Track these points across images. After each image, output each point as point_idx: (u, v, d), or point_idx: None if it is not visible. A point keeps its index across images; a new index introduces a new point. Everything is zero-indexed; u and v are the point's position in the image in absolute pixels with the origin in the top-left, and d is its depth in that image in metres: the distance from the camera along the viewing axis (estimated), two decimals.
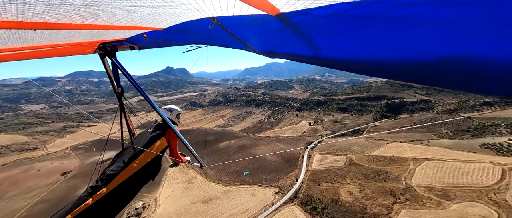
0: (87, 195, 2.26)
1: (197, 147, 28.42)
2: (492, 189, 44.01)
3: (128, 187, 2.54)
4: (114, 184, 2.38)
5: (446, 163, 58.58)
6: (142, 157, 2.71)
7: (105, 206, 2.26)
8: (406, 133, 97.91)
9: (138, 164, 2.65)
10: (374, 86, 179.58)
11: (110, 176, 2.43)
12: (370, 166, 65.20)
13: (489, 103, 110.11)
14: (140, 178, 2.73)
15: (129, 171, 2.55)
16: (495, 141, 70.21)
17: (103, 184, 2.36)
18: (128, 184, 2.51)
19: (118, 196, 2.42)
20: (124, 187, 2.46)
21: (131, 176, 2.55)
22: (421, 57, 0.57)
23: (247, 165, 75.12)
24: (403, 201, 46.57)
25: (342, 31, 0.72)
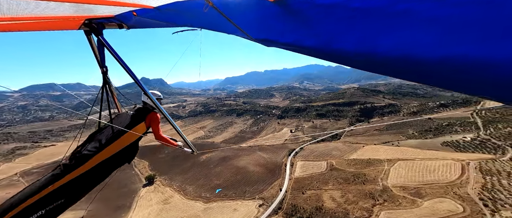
0: (59, 174, 2.18)
1: (176, 161, 25.16)
2: (456, 184, 48.05)
3: (102, 169, 2.48)
4: (88, 166, 2.32)
5: (415, 162, 63.09)
6: (120, 140, 2.63)
7: (75, 187, 2.22)
8: (379, 135, 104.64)
9: (116, 147, 2.58)
10: (348, 93, 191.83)
11: (85, 156, 2.34)
12: (350, 169, 67.18)
13: (444, 105, 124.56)
14: (115, 161, 2.64)
15: (106, 153, 2.48)
16: (453, 139, 78.53)
17: (76, 164, 2.28)
18: (103, 166, 2.46)
19: (90, 177, 2.36)
20: (98, 169, 2.41)
21: (107, 159, 2.49)
22: (419, 55, 0.56)
23: (230, 177, 71.86)
24: (382, 203, 48.14)
25: (342, 21, 0.70)
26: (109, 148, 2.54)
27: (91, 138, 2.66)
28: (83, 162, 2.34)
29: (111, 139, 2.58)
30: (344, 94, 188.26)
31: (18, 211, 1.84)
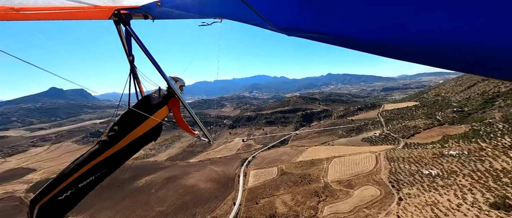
0: (99, 150, 2.54)
1: (104, 193, 18.16)
2: (373, 172, 59.75)
3: (133, 147, 2.80)
4: (122, 144, 2.65)
5: (346, 157, 75.00)
6: (147, 122, 2.90)
7: (113, 160, 2.60)
8: (317, 137, 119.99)
9: (143, 127, 2.87)
10: (292, 100, 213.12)
11: (117, 136, 2.66)
12: (297, 172, 72.49)
13: (360, 109, 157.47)
14: (144, 139, 2.93)
15: (135, 134, 2.79)
16: (368, 135, 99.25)
17: (111, 142, 2.61)
18: (133, 144, 2.78)
19: (124, 153, 2.71)
20: (129, 147, 2.74)
21: (136, 138, 2.81)
22: (447, 42, 0.54)
23: (176, 201, 63.05)
24: (324, 199, 53.69)
25: (369, 6, 0.64)
26: (137, 128, 2.81)
27: (122, 119, 2.89)
28: (117, 141, 2.64)
29: (138, 120, 2.85)
30: (288, 102, 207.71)
31: (77, 176, 2.28)
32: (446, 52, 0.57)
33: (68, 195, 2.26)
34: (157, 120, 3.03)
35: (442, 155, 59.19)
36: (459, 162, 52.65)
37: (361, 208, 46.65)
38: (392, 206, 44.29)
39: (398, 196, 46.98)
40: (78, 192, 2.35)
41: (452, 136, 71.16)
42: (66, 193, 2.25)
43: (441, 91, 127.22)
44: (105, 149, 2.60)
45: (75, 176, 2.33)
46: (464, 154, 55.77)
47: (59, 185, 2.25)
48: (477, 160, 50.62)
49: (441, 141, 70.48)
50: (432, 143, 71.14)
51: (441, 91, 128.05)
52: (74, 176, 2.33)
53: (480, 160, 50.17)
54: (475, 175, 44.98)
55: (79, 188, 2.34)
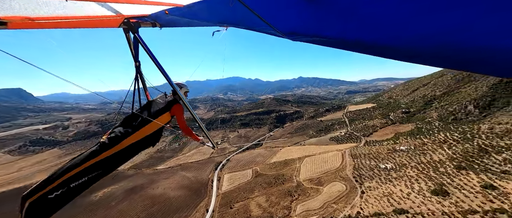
0: (97, 150, 2.55)
1: None
2: (340, 169, 64.58)
3: (130, 150, 2.83)
4: (120, 146, 2.68)
5: (316, 156, 79.42)
6: (147, 127, 2.95)
7: (109, 162, 2.62)
8: (291, 138, 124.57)
9: (143, 132, 2.90)
10: (266, 102, 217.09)
11: (117, 138, 2.70)
12: (271, 173, 73.59)
13: (328, 110, 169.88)
14: (141, 144, 2.96)
15: (134, 138, 2.81)
16: (335, 134, 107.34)
17: (110, 144, 2.64)
18: (131, 148, 2.81)
19: (121, 156, 2.74)
20: (127, 149, 2.77)
21: (135, 142, 2.83)
22: (451, 44, 0.54)
23: (140, 213, 57.03)
24: (297, 198, 55.58)
25: (374, 9, 0.65)
26: (137, 132, 2.85)
27: (125, 122, 2.97)
28: (116, 143, 2.67)
29: (139, 124, 2.90)
30: (263, 104, 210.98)
31: (70, 175, 2.31)
32: (445, 52, 0.58)
33: (58, 194, 2.21)
34: (158, 125, 3.08)
35: (395, 150, 67.58)
36: (408, 156, 60.83)
37: (330, 204, 49.69)
38: (356, 199, 48.34)
39: (361, 189, 51.61)
40: (69, 192, 2.31)
41: (402, 133, 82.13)
42: (56, 192, 2.20)
43: (393, 95, 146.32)
44: (104, 150, 2.60)
45: (68, 176, 2.32)
46: (412, 148, 64.79)
47: (51, 183, 2.22)
48: (421, 154, 59.28)
49: (393, 138, 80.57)
50: (387, 140, 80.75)
51: (393, 94, 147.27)
52: (67, 175, 2.32)
53: (423, 154, 58.89)
54: (420, 167, 52.51)
55: (70, 188, 2.31)
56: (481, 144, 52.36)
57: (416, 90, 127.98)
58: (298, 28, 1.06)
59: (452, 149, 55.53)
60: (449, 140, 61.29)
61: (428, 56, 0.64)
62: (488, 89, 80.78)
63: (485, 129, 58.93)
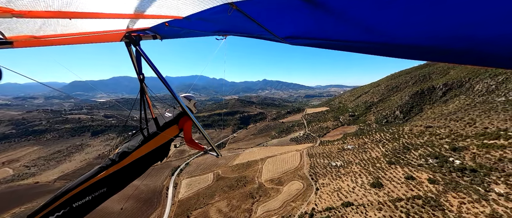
0: (104, 167, 2.49)
1: None
2: (298, 168, 68.62)
3: (139, 165, 2.76)
4: (127, 161, 2.62)
5: (277, 157, 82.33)
6: (154, 140, 2.88)
7: (116, 179, 2.53)
8: (254, 139, 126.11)
9: (150, 146, 2.83)
10: (230, 103, 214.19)
11: (124, 153, 2.64)
12: (233, 175, 72.11)
13: (289, 112, 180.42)
14: (149, 159, 2.89)
15: (141, 152, 2.75)
16: (295, 135, 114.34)
17: (118, 159, 2.59)
18: (139, 162, 2.74)
19: (129, 172, 2.66)
20: (135, 165, 2.69)
21: (143, 156, 2.76)
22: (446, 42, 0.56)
23: None
24: (258, 199, 55.88)
25: (371, 11, 0.67)
26: (144, 147, 2.76)
27: (133, 136, 2.96)
28: (123, 158, 2.60)
29: (146, 139, 2.83)
30: (227, 104, 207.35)
31: (72, 194, 2.18)
32: (434, 47, 0.60)
33: (60, 215, 2.08)
34: (165, 139, 3.00)
35: (343, 149, 76.47)
36: (353, 154, 69.67)
37: (289, 202, 51.86)
38: (311, 196, 51.97)
39: (315, 186, 55.88)
40: (72, 213, 2.17)
41: (349, 134, 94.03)
42: (58, 212, 2.08)
43: (342, 100, 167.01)
44: (110, 166, 2.50)
45: (72, 194, 2.18)
46: (356, 147, 74.62)
47: (54, 203, 2.10)
48: (363, 151, 68.84)
49: (342, 138, 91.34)
50: (337, 140, 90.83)
51: (342, 99, 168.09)
52: (71, 193, 2.18)
53: (364, 151, 68.53)
54: (362, 163, 60.76)
55: (73, 208, 2.18)
56: (404, 142, 64.60)
57: (359, 96, 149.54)
58: (296, 32, 1.09)
59: (385, 147, 66.56)
60: (383, 140, 73.41)
61: (411, 50, 0.68)
62: (409, 98, 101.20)
63: (407, 130, 73.21)
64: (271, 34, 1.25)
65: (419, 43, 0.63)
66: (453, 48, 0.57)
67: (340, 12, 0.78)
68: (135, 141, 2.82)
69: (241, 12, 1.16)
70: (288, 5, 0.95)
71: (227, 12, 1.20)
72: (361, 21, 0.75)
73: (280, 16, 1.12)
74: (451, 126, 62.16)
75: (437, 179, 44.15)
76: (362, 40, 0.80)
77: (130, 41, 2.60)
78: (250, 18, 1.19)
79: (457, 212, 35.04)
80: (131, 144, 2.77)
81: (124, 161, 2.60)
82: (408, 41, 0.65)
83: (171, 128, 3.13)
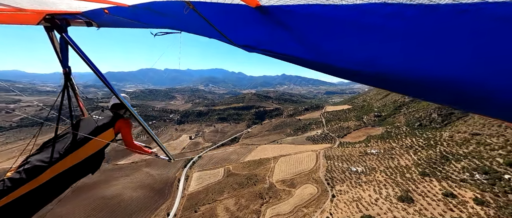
0: (4, 190, 1.82)
1: None
2: (313, 170, 63.64)
3: (61, 181, 2.15)
4: (43, 179, 1.99)
5: (291, 156, 77.95)
6: (83, 148, 2.34)
7: (25, 204, 1.92)
8: (268, 135, 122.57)
9: (78, 156, 2.29)
10: (247, 97, 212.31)
11: (38, 168, 1.99)
12: (244, 172, 70.02)
13: (307, 109, 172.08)
14: (77, 171, 2.32)
15: (66, 163, 2.17)
16: (311, 134, 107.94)
17: (27, 177, 1.93)
18: (61, 177, 2.13)
19: (45, 191, 2.03)
20: (55, 181, 2.08)
21: (67, 169, 2.17)
22: (383, 70, 0.60)
23: (89, 215, 48.89)
24: (268, 200, 52.86)
25: (320, 31, 0.72)
26: (69, 157, 2.21)
27: (44, 147, 2.30)
28: (36, 175, 1.96)
29: (72, 147, 2.26)
30: (243, 98, 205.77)
31: None
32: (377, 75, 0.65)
33: None
34: (98, 146, 2.51)
35: (366, 153, 68.95)
36: (377, 159, 62.14)
37: (300, 208, 47.89)
38: (326, 203, 47.20)
39: (331, 193, 50.78)
40: None
41: (373, 136, 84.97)
42: None
43: (367, 98, 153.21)
44: (16, 187, 1.84)
45: None
46: (381, 152, 66.58)
47: None
48: (389, 158, 60.92)
49: (365, 141, 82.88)
50: (359, 142, 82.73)
51: (367, 97, 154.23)
52: None
53: (391, 158, 60.57)
54: (388, 171, 53.50)
55: None
56: (443, 151, 55.16)
57: (387, 95, 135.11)
58: (252, 42, 1.11)
59: (418, 154, 57.80)
60: (415, 146, 64.09)
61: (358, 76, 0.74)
62: None
63: (446, 137, 62.68)
64: (228, 40, 1.23)
65: (357, 69, 0.68)
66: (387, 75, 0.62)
67: (293, 31, 0.82)
68: (51, 152, 2.14)
69: (198, 13, 1.12)
70: (244, 16, 0.97)
71: (183, 10, 1.15)
72: (313, 42, 0.79)
73: (236, 24, 1.12)
74: (506, 135, 51.02)
75: (486, 200, 36.01)
76: (312, 59, 0.84)
77: (52, 26, 2.13)
78: (207, 20, 1.15)
79: None
80: (45, 156, 2.08)
81: (37, 179, 1.93)
82: (347, 66, 0.70)
83: (106, 132, 2.61)
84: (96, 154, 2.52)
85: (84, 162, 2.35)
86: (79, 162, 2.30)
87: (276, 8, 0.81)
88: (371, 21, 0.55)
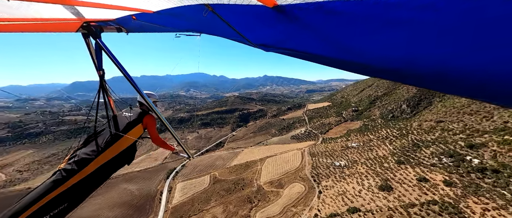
0: (61, 179, 2.15)
1: None
2: (299, 169, 64.49)
3: (103, 172, 2.51)
4: (90, 169, 2.33)
5: (277, 156, 78.24)
6: (119, 142, 2.64)
7: (77, 190, 2.24)
8: (253, 137, 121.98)
9: (115, 149, 2.59)
10: (230, 100, 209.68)
11: (85, 160, 2.33)
12: (231, 178, 68.31)
13: (290, 108, 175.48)
14: (115, 163, 2.66)
15: (106, 156, 2.50)
16: (296, 132, 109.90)
17: (78, 168, 2.26)
18: (104, 168, 2.49)
19: (92, 180, 2.39)
20: (99, 172, 2.43)
21: (108, 161, 2.52)
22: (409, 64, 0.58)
23: None
24: (257, 204, 52.03)
25: (338, 28, 0.71)
26: (108, 150, 2.53)
27: (88, 142, 2.62)
28: (84, 166, 2.31)
29: (110, 141, 2.58)
30: (226, 102, 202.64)
31: (28, 215, 1.87)
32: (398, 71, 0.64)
33: None
34: (131, 140, 2.76)
35: (347, 147, 72.00)
36: (358, 152, 65.20)
37: (289, 207, 47.91)
38: (313, 200, 47.90)
39: (318, 189, 51.77)
40: None
41: (353, 130, 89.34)
42: None
43: (344, 94, 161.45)
44: (69, 177, 2.17)
45: (26, 214, 1.85)
46: (361, 145, 70.08)
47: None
48: (368, 150, 64.32)
49: (346, 135, 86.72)
50: (340, 137, 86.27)
51: (344, 94, 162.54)
52: (26, 214, 1.84)
53: (370, 150, 64.01)
54: (368, 163, 56.33)
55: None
56: (414, 139, 59.86)
57: (363, 90, 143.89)
58: (269, 41, 1.13)
59: (393, 144, 61.94)
60: (390, 136, 68.68)
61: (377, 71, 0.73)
62: (416, 90, 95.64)
63: (415, 126, 68.27)
64: (245, 40, 1.26)
65: (388, 66, 0.65)
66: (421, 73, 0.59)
67: (313, 29, 0.82)
68: (94, 146, 2.47)
69: (217, 15, 1.16)
70: (262, 16, 0.98)
71: (203, 13, 1.20)
72: (335, 39, 0.78)
73: (254, 24, 1.14)
74: (465, 120, 57.14)
75: (454, 181, 39.63)
76: (334, 56, 0.82)
77: (88, 33, 2.36)
78: (225, 22, 1.19)
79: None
80: (90, 150, 2.42)
81: (86, 170, 2.26)
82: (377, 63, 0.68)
83: (136, 127, 2.88)
84: (130, 147, 2.75)
85: (121, 154, 2.61)
86: (117, 155, 2.56)
87: (294, 6, 0.80)
88: (399, 16, 0.52)
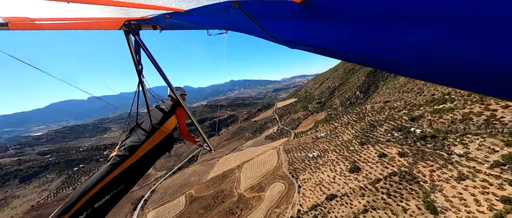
0: (117, 163, 2.42)
1: None
2: (277, 167, 65.00)
3: (150, 157, 2.78)
4: (139, 154, 2.60)
5: (254, 159, 77.37)
6: (159, 132, 2.94)
7: (130, 174, 2.49)
8: (228, 145, 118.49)
9: (156, 138, 2.88)
10: (198, 110, 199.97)
11: (134, 147, 2.60)
12: (209, 192, 64.15)
13: (260, 109, 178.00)
14: (159, 150, 2.94)
15: (150, 144, 2.76)
16: (269, 132, 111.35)
17: (129, 153, 2.53)
18: (150, 154, 2.76)
19: (142, 164, 2.67)
20: (146, 157, 2.70)
21: (152, 148, 2.79)
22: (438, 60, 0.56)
23: None
24: (240, 214, 49.86)
25: (364, 27, 0.70)
26: (151, 138, 2.80)
27: (132, 132, 2.93)
28: (134, 151, 2.57)
29: (151, 131, 2.86)
30: (195, 112, 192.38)
31: (91, 195, 2.11)
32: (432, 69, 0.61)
33: (83, 217, 2.03)
34: (169, 129, 3.06)
35: (317, 138, 76.25)
36: (327, 141, 69.63)
37: (273, 209, 47.39)
38: (295, 197, 48.57)
39: (297, 184, 52.87)
40: (94, 214, 2.13)
41: (319, 121, 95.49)
42: (81, 215, 2.01)
43: (307, 88, 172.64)
44: (124, 160, 2.47)
45: (90, 195, 2.12)
46: (328, 133, 75.18)
47: (75, 205, 2.03)
48: (335, 137, 69.37)
49: (314, 127, 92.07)
50: (310, 130, 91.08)
51: (307, 88, 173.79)
52: (90, 194, 2.12)
53: (336, 137, 69.14)
54: (337, 149, 60.56)
55: (95, 209, 2.13)
56: (369, 120, 67.25)
57: (322, 83, 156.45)
58: (295, 38, 1.12)
59: (354, 128, 68.31)
60: (351, 121, 75.72)
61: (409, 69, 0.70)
62: (365, 77, 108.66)
63: (369, 108, 77.05)
64: (271, 37, 1.29)
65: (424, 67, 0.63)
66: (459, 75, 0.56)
67: (343, 24, 0.80)
68: (137, 135, 2.76)
69: (243, 11, 1.18)
70: (289, 11, 0.98)
71: (230, 10, 1.23)
72: (370, 36, 0.74)
73: (281, 21, 1.14)
74: (405, 98, 67.16)
75: (405, 151, 45.64)
76: (364, 54, 0.80)
77: (129, 30, 2.58)
78: (252, 19, 1.21)
79: (430, 182, 35.83)
80: (137, 138, 2.71)
81: (136, 154, 2.56)
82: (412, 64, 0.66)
83: (170, 118, 3.18)
84: (168, 136, 3.03)
85: (162, 142, 2.90)
86: (158, 142, 2.85)
87: (324, 1, 0.78)
88: (432, 10, 0.50)
